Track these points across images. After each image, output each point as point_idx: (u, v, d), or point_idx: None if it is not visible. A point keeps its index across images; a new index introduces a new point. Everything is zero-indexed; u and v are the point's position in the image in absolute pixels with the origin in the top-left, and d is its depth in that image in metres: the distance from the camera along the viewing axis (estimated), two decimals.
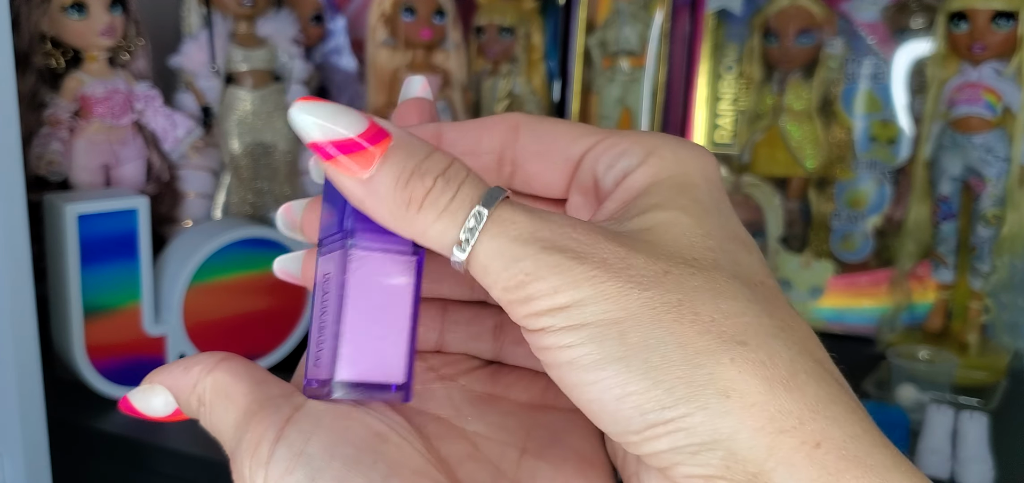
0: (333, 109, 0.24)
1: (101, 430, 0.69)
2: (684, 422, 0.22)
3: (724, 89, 0.95)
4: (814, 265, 0.91)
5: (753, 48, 0.91)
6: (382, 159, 0.23)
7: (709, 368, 0.22)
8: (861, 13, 0.88)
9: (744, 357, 0.22)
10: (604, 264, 0.22)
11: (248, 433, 0.24)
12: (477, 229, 0.23)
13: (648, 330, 0.22)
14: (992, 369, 0.80)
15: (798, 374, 0.22)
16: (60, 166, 0.78)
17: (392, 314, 0.26)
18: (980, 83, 0.79)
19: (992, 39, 0.78)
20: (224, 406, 0.25)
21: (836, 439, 0.22)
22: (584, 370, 0.22)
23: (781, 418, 0.22)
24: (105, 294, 0.71)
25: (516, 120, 0.27)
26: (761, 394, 0.22)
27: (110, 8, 0.78)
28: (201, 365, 0.26)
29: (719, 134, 0.95)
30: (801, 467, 0.21)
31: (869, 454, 0.22)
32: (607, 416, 0.23)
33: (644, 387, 0.22)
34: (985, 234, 0.81)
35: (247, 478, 0.24)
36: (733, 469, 0.22)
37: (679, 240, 0.24)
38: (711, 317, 0.22)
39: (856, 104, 0.89)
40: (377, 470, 0.23)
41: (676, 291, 0.22)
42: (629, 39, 0.94)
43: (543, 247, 0.23)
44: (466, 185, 0.24)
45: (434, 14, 0.90)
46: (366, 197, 0.24)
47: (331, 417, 0.24)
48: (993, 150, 0.79)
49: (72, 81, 0.78)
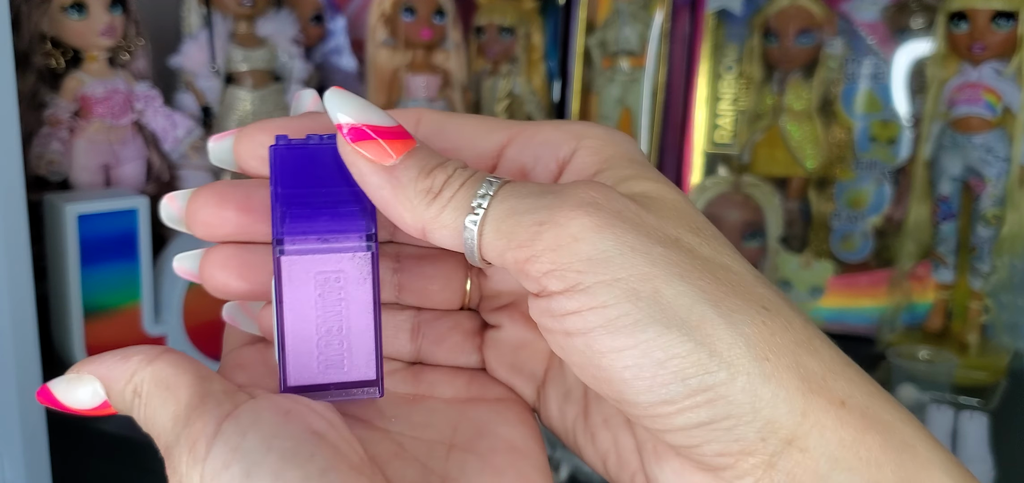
0: (366, 104, 0.24)
1: (101, 430, 0.69)
2: (726, 389, 0.21)
3: (724, 89, 0.95)
4: (814, 265, 0.91)
5: (753, 48, 0.91)
6: (407, 153, 0.24)
7: (746, 329, 0.21)
8: (861, 13, 0.88)
9: (771, 321, 0.22)
10: (620, 215, 0.22)
11: (187, 428, 0.23)
12: (488, 195, 0.23)
13: (680, 287, 0.21)
14: (992, 369, 0.80)
15: (813, 338, 0.22)
16: (60, 166, 0.78)
17: (348, 309, 0.25)
18: (980, 83, 0.79)
19: (992, 39, 0.78)
20: (163, 399, 0.24)
21: (857, 398, 0.22)
22: (621, 332, 0.21)
23: (809, 380, 0.21)
24: (105, 294, 0.71)
25: (417, 114, 0.27)
26: (790, 357, 0.21)
27: (110, 8, 0.78)
28: (140, 355, 0.25)
29: (719, 134, 0.95)
30: (830, 427, 0.21)
31: (886, 411, 0.22)
32: (642, 384, 0.21)
33: (687, 349, 0.21)
34: (985, 234, 0.81)
35: (184, 477, 0.23)
36: (768, 440, 0.21)
37: (677, 210, 0.23)
38: (730, 284, 0.22)
39: (856, 104, 0.89)
40: (314, 464, 0.22)
41: (691, 256, 0.22)
42: (629, 39, 0.94)
43: (555, 196, 0.22)
44: (479, 174, 0.24)
45: (434, 14, 0.90)
46: (385, 184, 0.24)
47: (271, 413, 0.23)
48: (993, 150, 0.79)
49: (72, 81, 0.78)
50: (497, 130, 0.26)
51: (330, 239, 0.25)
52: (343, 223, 0.25)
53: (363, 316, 0.25)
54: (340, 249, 0.25)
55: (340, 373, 0.25)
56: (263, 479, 0.21)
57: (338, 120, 0.24)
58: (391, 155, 0.24)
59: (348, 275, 0.25)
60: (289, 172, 0.24)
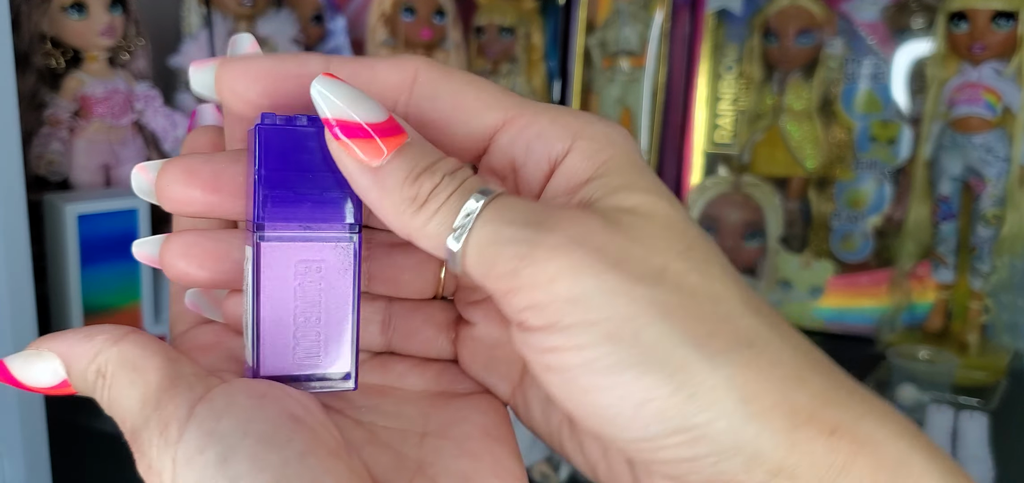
0: (355, 94, 0.23)
1: (101, 430, 0.69)
2: (708, 429, 0.21)
3: (724, 89, 0.95)
4: (814, 265, 0.91)
5: (753, 48, 0.91)
6: (396, 153, 0.23)
7: (728, 371, 0.21)
8: (861, 13, 0.88)
9: (756, 359, 0.21)
10: (602, 252, 0.21)
11: (158, 411, 0.22)
12: (473, 215, 0.22)
13: (660, 328, 0.21)
14: (992, 369, 0.80)
15: (802, 368, 0.22)
16: (60, 166, 0.78)
17: (327, 300, 0.24)
18: (980, 83, 0.79)
19: (992, 39, 0.78)
20: (130, 380, 0.23)
21: (847, 423, 0.22)
22: (600, 373, 0.21)
23: (796, 414, 0.21)
24: (105, 294, 0.71)
25: (415, 67, 0.25)
26: (777, 394, 0.21)
27: (110, 8, 0.78)
28: (105, 334, 0.24)
29: (719, 134, 0.95)
30: (820, 454, 0.21)
31: (879, 428, 0.22)
32: (623, 421, 0.21)
33: (668, 392, 0.21)
34: (985, 234, 0.81)
35: (154, 461, 0.22)
36: (753, 471, 0.21)
37: (668, 229, 0.23)
38: (716, 319, 0.22)
39: (856, 104, 0.89)
40: (293, 447, 0.21)
41: (677, 290, 0.22)
42: (629, 39, 0.94)
43: (537, 230, 0.22)
44: (468, 183, 0.23)
45: (434, 14, 0.90)
46: (372, 186, 0.23)
47: (246, 396, 0.22)
48: (993, 150, 0.79)
49: (72, 81, 0.78)
50: (493, 109, 0.25)
51: (313, 227, 0.24)
52: (327, 211, 0.24)
53: (342, 307, 0.24)
54: (323, 238, 0.24)
55: (315, 364, 0.24)
56: (240, 464, 0.21)
57: (325, 115, 0.23)
58: (381, 151, 0.23)
59: (330, 265, 0.24)
60: (273, 154, 0.23)
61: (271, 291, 0.24)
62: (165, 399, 0.22)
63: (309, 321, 0.24)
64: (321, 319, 0.24)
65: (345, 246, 0.24)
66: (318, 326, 0.24)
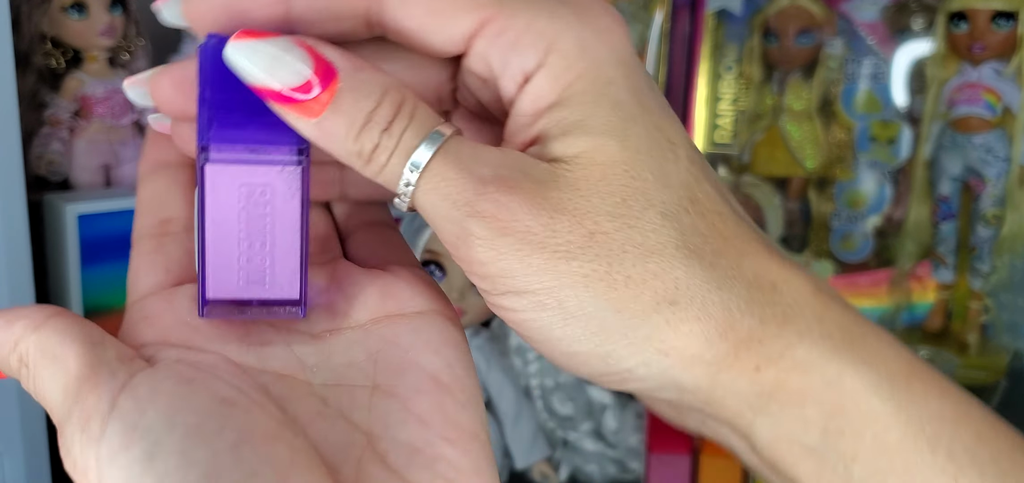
0: (273, 54, 0.22)
1: None
2: (634, 374, 0.23)
3: (724, 89, 0.95)
4: (814, 265, 0.91)
5: (753, 48, 0.91)
6: (331, 107, 0.22)
7: (646, 331, 0.23)
8: (861, 13, 0.89)
9: (677, 316, 0.23)
10: (527, 235, 0.22)
11: (79, 404, 0.21)
12: (412, 184, 0.23)
13: (583, 298, 0.22)
14: (992, 369, 0.80)
15: (731, 312, 0.23)
16: (60, 166, 0.78)
17: (274, 225, 0.23)
18: (980, 83, 0.79)
19: (992, 39, 0.78)
20: (51, 371, 0.22)
21: (772, 356, 0.23)
22: (538, 333, 0.23)
23: (719, 361, 0.23)
24: (105, 294, 0.71)
25: None
26: (697, 346, 0.23)
27: (110, 8, 0.78)
28: (25, 320, 0.23)
29: (719, 134, 0.95)
30: (744, 388, 0.23)
31: (809, 355, 0.23)
32: (569, 366, 0.24)
33: (590, 349, 0.23)
34: (985, 234, 0.81)
35: (78, 458, 0.21)
36: (686, 397, 0.24)
37: (606, 180, 0.23)
38: (642, 278, 0.23)
39: (856, 104, 0.89)
40: (223, 439, 0.20)
41: (604, 256, 0.22)
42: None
43: (468, 214, 0.22)
44: (408, 133, 0.23)
45: None
46: (318, 139, 0.23)
47: (172, 382, 0.21)
48: (993, 150, 0.79)
49: (72, 81, 0.78)
50: (468, 10, 0.23)
51: (259, 150, 0.23)
52: (274, 134, 0.23)
53: (289, 233, 0.24)
54: (269, 161, 0.23)
55: (262, 290, 0.24)
56: (168, 459, 0.20)
57: (251, 84, 0.22)
58: (316, 108, 0.22)
59: (275, 189, 0.23)
60: (219, 75, 0.23)
61: (215, 214, 0.23)
62: (85, 390, 0.21)
63: (254, 246, 0.23)
64: (266, 244, 0.23)
65: (292, 171, 0.23)
66: (264, 251, 0.24)
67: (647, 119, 0.24)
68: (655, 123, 0.24)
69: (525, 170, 0.23)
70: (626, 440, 0.66)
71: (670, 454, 0.62)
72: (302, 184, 0.23)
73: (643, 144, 0.23)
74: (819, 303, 0.24)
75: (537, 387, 0.68)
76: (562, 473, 0.66)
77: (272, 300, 0.24)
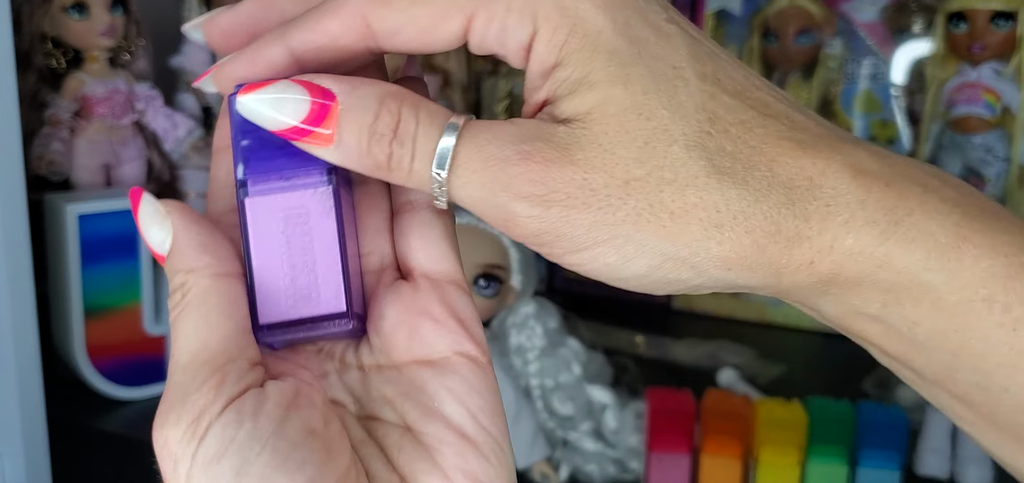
0: (275, 96, 0.24)
1: (101, 430, 0.69)
2: (705, 287, 0.25)
3: None
4: None
5: (753, 48, 0.91)
6: (338, 129, 0.24)
7: (702, 254, 0.24)
8: (861, 13, 0.89)
9: (726, 236, 0.24)
10: (568, 200, 0.24)
11: (198, 388, 0.23)
12: (443, 183, 0.24)
13: (638, 239, 0.24)
14: None
15: (774, 219, 0.24)
16: (61, 166, 0.78)
17: (313, 244, 0.25)
18: (979, 83, 0.79)
19: (991, 39, 0.78)
20: (196, 326, 0.24)
21: (823, 249, 0.24)
22: (608, 275, 0.25)
23: (775, 261, 0.24)
24: (106, 294, 0.71)
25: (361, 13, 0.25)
26: (753, 255, 0.24)
27: (111, 8, 0.78)
28: (210, 257, 0.25)
29: None
30: (803, 280, 0.25)
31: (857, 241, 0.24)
32: (650, 291, 0.26)
33: (660, 277, 0.25)
34: None
35: (174, 445, 0.23)
36: (756, 292, 0.26)
37: (623, 129, 0.24)
38: (684, 210, 0.24)
39: (855, 104, 0.89)
40: (303, 474, 0.23)
41: (645, 198, 0.24)
42: None
43: (509, 198, 0.24)
44: (421, 135, 0.24)
45: None
46: (340, 159, 0.24)
47: (274, 404, 0.23)
48: (992, 150, 0.79)
49: (73, 81, 0.78)
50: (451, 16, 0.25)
51: (291, 177, 0.25)
52: (303, 161, 0.25)
53: (329, 249, 0.25)
54: (301, 185, 0.25)
55: (309, 307, 0.25)
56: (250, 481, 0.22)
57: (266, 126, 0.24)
58: (328, 136, 0.24)
59: (310, 210, 0.25)
60: (248, 121, 0.25)
61: (259, 243, 0.25)
62: (211, 380, 0.23)
63: (297, 266, 0.25)
64: (309, 263, 0.25)
65: (324, 190, 0.25)
66: (308, 270, 0.25)
67: (646, 54, 0.24)
68: (654, 55, 0.25)
69: (544, 138, 0.24)
70: (626, 440, 0.66)
71: (670, 454, 0.62)
72: (335, 201, 0.25)
73: (648, 83, 0.24)
74: (860, 187, 0.25)
75: (537, 387, 0.68)
76: (562, 473, 0.66)
77: (320, 315, 0.26)
